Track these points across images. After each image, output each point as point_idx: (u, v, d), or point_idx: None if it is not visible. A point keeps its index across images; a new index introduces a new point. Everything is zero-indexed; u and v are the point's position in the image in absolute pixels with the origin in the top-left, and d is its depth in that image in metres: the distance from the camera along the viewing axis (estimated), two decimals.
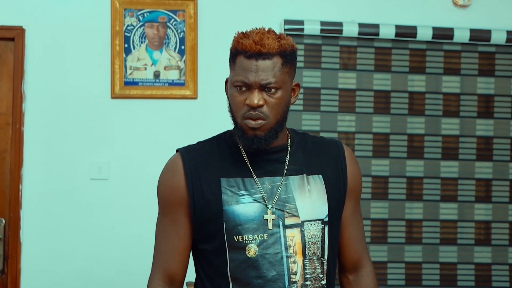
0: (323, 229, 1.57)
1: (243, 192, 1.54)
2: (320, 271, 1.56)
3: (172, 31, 3.11)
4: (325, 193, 1.58)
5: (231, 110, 1.56)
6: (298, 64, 3.11)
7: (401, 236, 3.25)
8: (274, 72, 1.50)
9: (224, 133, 1.65)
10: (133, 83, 3.11)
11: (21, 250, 3.06)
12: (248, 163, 1.56)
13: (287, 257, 1.53)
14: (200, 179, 1.55)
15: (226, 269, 1.53)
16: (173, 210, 1.57)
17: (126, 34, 3.10)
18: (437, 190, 3.27)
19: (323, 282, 1.57)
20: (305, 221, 1.55)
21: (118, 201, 3.12)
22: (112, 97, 3.11)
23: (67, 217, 3.09)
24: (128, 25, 3.10)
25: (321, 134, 3.18)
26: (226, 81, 1.60)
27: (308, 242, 1.54)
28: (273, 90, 1.51)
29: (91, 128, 3.11)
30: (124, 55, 3.09)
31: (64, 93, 3.10)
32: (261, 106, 1.50)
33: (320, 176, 1.59)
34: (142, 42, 3.11)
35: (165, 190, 1.59)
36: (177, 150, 1.62)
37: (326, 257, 1.58)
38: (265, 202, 1.54)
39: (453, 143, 3.28)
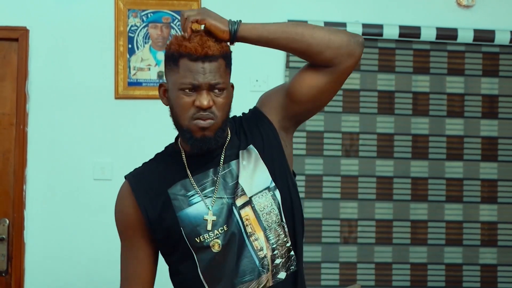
0: (273, 195, 1.57)
1: (191, 192, 1.56)
2: (283, 235, 1.58)
3: (176, 31, 3.12)
4: (261, 160, 1.59)
5: (174, 114, 1.57)
6: (302, 65, 3.11)
7: (406, 237, 3.23)
8: (220, 73, 1.52)
9: (166, 148, 1.69)
10: (136, 84, 3.12)
11: (25, 251, 3.06)
12: (186, 167, 1.58)
13: (248, 237, 1.54)
14: (150, 197, 1.58)
15: (197, 271, 1.54)
16: (129, 234, 1.61)
17: (129, 34, 3.10)
18: (441, 190, 3.25)
19: (288, 244, 1.58)
20: (252, 195, 1.56)
21: None
22: (116, 98, 3.11)
23: (71, 217, 3.09)
24: (131, 26, 3.11)
25: (325, 135, 3.18)
26: (160, 85, 1.61)
27: (262, 214, 1.56)
28: (219, 90, 1.52)
29: (94, 129, 3.11)
30: (128, 56, 3.10)
31: (68, 93, 3.11)
32: (211, 107, 1.51)
33: (251, 146, 1.60)
34: (145, 43, 3.12)
35: (119, 217, 1.63)
36: (125, 177, 1.66)
37: (285, 219, 1.58)
38: (203, 199, 1.55)
39: (457, 143, 3.27)
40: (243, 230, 1.54)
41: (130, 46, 3.10)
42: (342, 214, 3.20)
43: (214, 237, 1.53)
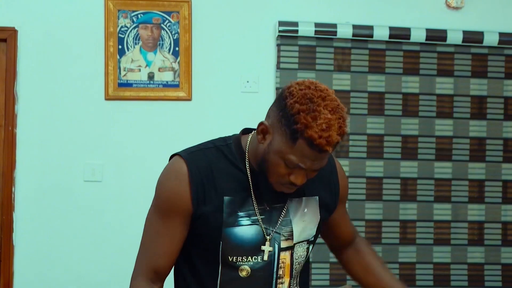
0: (307, 248, 1.60)
1: (242, 213, 1.52)
2: (295, 283, 1.61)
3: (166, 32, 3.10)
4: (319, 216, 1.59)
5: (265, 166, 1.48)
6: (293, 66, 3.19)
7: (395, 236, 3.26)
8: (326, 159, 1.47)
9: (225, 143, 1.58)
10: (127, 85, 3.09)
11: (14, 253, 3.04)
12: (250, 182, 1.53)
13: (277, 278, 1.55)
14: (205, 193, 1.51)
15: (217, 281, 1.53)
16: (172, 215, 1.53)
17: (120, 35, 3.08)
18: (430, 191, 3.28)
19: None
20: (296, 243, 1.57)
21: (112, 203, 3.10)
22: (106, 99, 3.09)
23: (61, 219, 3.07)
24: (122, 27, 3.08)
25: None
26: (263, 124, 1.48)
27: (295, 262, 1.57)
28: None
29: (84, 130, 3.09)
30: (118, 57, 3.07)
31: (58, 94, 3.08)
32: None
33: (317, 198, 1.60)
34: (136, 44, 3.09)
35: (168, 195, 1.54)
36: (178, 154, 1.55)
37: (301, 271, 1.62)
38: (261, 225, 1.52)
39: (446, 144, 3.30)
40: (274, 271, 1.54)
41: (120, 47, 3.07)
42: None
43: (246, 262, 1.52)
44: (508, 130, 3.34)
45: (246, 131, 1.60)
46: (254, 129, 1.54)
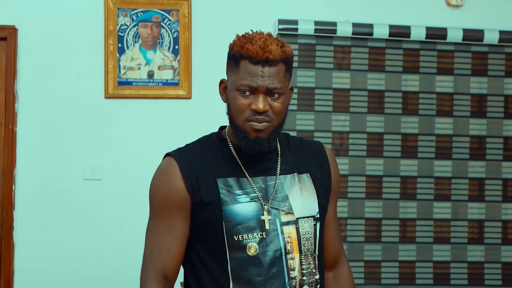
0: (315, 225, 1.62)
1: (239, 192, 1.56)
2: (313, 266, 1.61)
3: (166, 30, 3.10)
4: (314, 191, 1.64)
5: (230, 113, 1.58)
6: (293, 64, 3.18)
7: (395, 235, 3.26)
8: (279, 78, 1.53)
9: (208, 136, 1.67)
10: (127, 83, 3.10)
11: (14, 251, 3.05)
12: (240, 164, 1.59)
13: (286, 253, 1.57)
14: (198, 180, 1.56)
15: (227, 268, 1.54)
16: (169, 213, 1.56)
17: (119, 33, 3.08)
18: (430, 189, 3.28)
19: (317, 276, 1.62)
20: (299, 218, 1.60)
21: (111, 201, 3.11)
22: (106, 97, 3.09)
23: (61, 217, 3.07)
24: (121, 25, 3.08)
25: (316, 134, 3.19)
26: (221, 82, 1.62)
27: (303, 238, 1.59)
28: (277, 95, 1.54)
29: (84, 128, 3.09)
30: (118, 55, 3.08)
31: (58, 93, 3.09)
32: (267, 111, 1.54)
33: (308, 174, 1.65)
34: (135, 42, 3.10)
35: (162, 193, 1.58)
36: (167, 154, 1.62)
37: (317, 252, 1.63)
38: (261, 201, 1.57)
39: (446, 142, 3.30)
40: (282, 246, 1.56)
41: (120, 45, 3.08)
42: None
43: (252, 239, 1.54)
44: (508, 128, 3.33)
45: (224, 127, 1.69)
46: None
